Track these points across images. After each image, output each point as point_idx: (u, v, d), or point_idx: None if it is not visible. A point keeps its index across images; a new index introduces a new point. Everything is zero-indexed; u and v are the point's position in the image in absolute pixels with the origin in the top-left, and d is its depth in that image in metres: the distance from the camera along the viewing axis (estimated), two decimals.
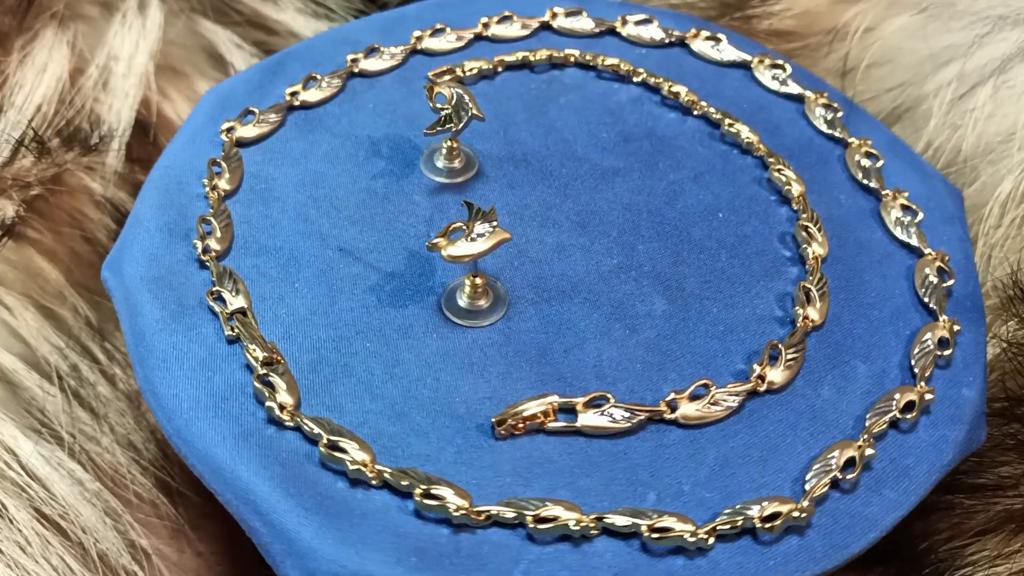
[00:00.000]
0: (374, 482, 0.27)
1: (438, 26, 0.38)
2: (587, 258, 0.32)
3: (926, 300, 0.33)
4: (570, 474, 0.28)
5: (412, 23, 0.39)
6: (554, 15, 0.39)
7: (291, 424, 0.28)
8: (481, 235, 0.29)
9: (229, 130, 0.34)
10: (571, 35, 0.39)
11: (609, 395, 0.29)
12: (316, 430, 0.28)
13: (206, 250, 0.31)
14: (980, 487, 0.34)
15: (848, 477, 0.28)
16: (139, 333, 0.30)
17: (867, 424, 0.30)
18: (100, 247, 0.39)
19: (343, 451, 0.27)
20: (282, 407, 0.28)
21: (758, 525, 0.27)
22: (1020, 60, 0.38)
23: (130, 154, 0.40)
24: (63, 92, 0.39)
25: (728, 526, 0.27)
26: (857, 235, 0.34)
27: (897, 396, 0.30)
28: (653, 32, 0.39)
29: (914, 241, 0.34)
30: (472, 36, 0.38)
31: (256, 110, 0.35)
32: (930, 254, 0.33)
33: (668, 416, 0.29)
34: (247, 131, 0.35)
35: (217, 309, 0.30)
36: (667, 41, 0.39)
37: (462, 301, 0.31)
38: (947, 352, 0.31)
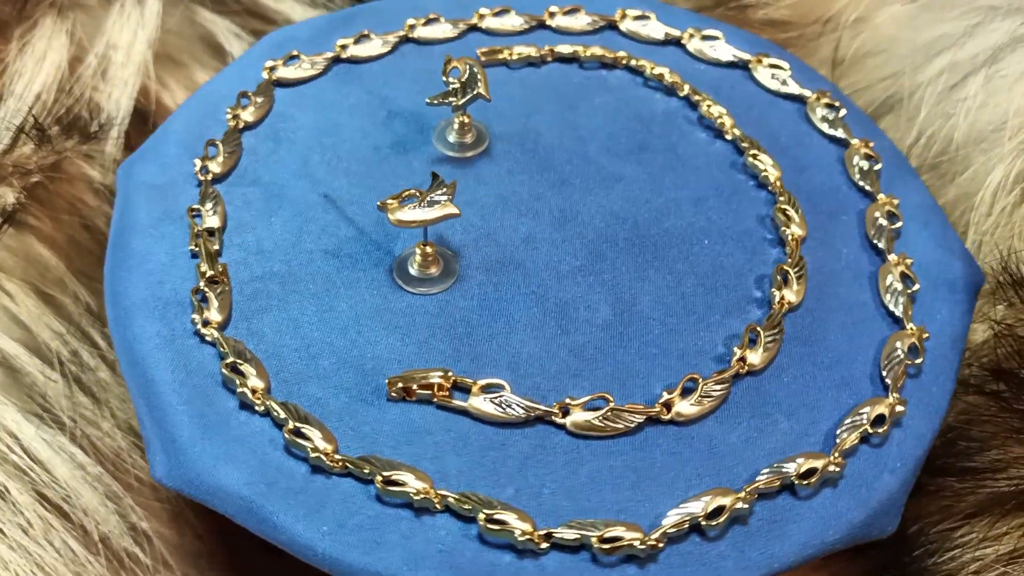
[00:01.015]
0: (259, 409, 0.28)
1: (502, 8, 0.39)
2: (550, 254, 0.32)
3: (883, 372, 0.31)
4: (440, 450, 0.28)
5: (482, 2, 0.39)
6: (623, 16, 0.39)
7: (210, 340, 0.30)
8: (432, 205, 0.30)
9: (272, 69, 0.36)
10: (635, 39, 0.39)
11: (505, 385, 0.29)
12: (226, 349, 0.29)
13: (204, 170, 0.33)
14: (970, 470, 0.34)
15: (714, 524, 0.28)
16: (119, 232, 0.33)
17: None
18: (99, 234, 0.39)
19: (243, 375, 0.29)
20: (206, 323, 0.30)
21: (596, 544, 0.26)
22: (1011, 50, 0.39)
23: (129, 142, 0.40)
24: (62, 81, 0.39)
25: (571, 534, 0.27)
26: (841, 292, 0.33)
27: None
28: (720, 52, 0.38)
29: (899, 311, 0.32)
30: (535, 23, 0.39)
31: (300, 54, 0.37)
32: (911, 329, 0.32)
33: (558, 420, 0.29)
34: (288, 72, 0.36)
35: (192, 225, 0.32)
36: (731, 62, 0.38)
37: (412, 268, 0.31)
38: (881, 429, 0.30)
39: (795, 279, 0.32)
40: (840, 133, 0.36)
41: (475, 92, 0.34)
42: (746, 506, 0.27)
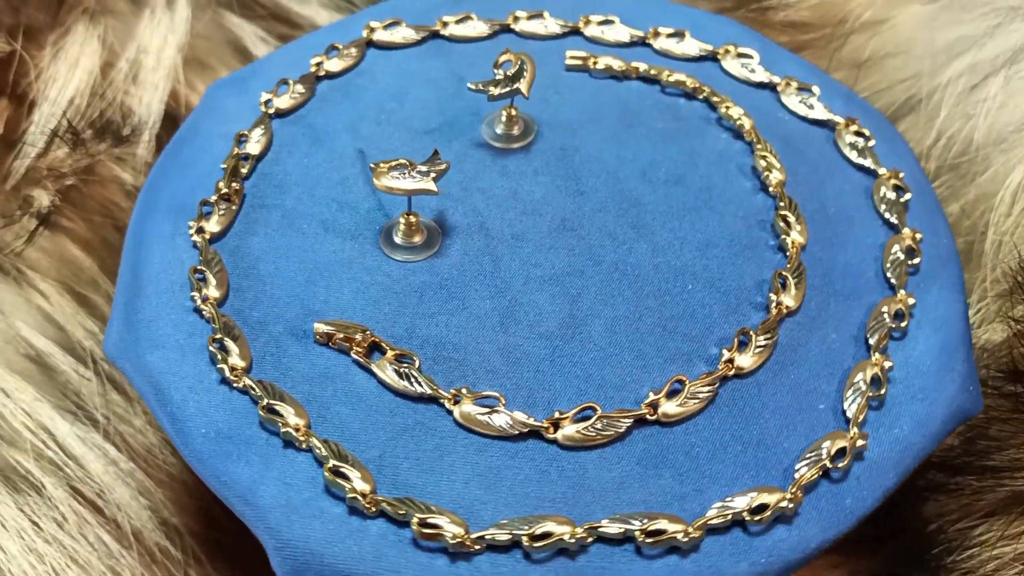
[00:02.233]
0: (207, 315, 0.30)
1: (606, 19, 0.39)
2: (530, 257, 0.32)
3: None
4: (335, 402, 0.29)
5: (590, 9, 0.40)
6: (728, 52, 0.38)
7: (198, 246, 0.32)
8: (415, 177, 0.31)
9: (372, 30, 0.38)
10: (735, 78, 0.38)
11: (415, 357, 0.29)
12: (204, 257, 0.31)
13: (268, 103, 0.36)
14: (989, 469, 0.34)
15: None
16: (181, 132, 0.35)
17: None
18: None
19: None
20: (200, 230, 0.32)
21: (526, 543, 0.27)
22: None
23: (160, 145, 0.41)
24: (95, 85, 0.40)
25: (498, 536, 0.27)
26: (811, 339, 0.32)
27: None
28: (819, 112, 0.37)
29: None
30: (636, 39, 0.38)
31: (403, 22, 0.38)
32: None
33: (448, 405, 0.29)
34: (385, 36, 0.38)
35: (235, 145, 0.34)
36: (821, 120, 0.36)
37: (396, 235, 0.32)
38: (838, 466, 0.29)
39: (758, 342, 0.30)
40: (869, 163, 0.35)
41: (514, 87, 0.34)
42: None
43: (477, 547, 0.27)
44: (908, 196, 0.34)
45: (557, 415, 0.29)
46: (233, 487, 0.28)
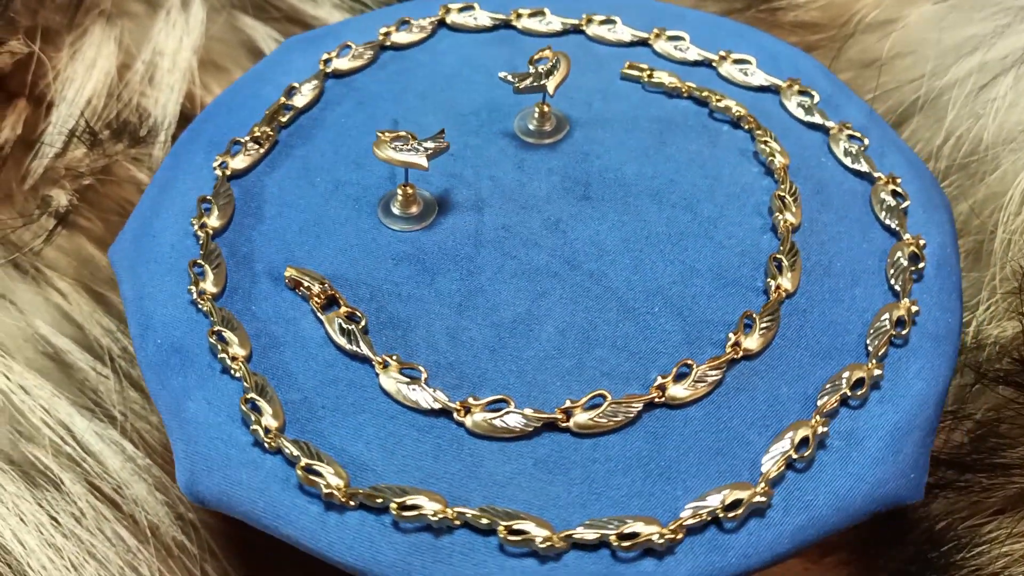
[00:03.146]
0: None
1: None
2: (512, 249, 0.32)
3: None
4: (281, 343, 0.30)
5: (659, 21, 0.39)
6: (789, 88, 0.37)
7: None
8: (410, 151, 0.32)
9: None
10: (789, 114, 0.37)
11: (362, 317, 0.30)
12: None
13: (328, 62, 0.37)
14: (999, 466, 0.34)
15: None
16: (240, 82, 0.37)
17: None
18: None
19: (202, 278, 0.31)
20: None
21: (395, 509, 0.27)
22: None
23: None
24: (111, 86, 0.41)
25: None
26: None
27: None
28: (863, 164, 0.35)
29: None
30: (703, 59, 0.38)
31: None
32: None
33: (377, 368, 0.30)
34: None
35: (276, 104, 0.36)
36: (862, 172, 0.35)
37: (394, 205, 0.33)
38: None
39: (690, 382, 0.30)
40: (895, 224, 0.34)
41: (539, 83, 0.34)
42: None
43: (351, 503, 0.27)
44: (922, 265, 0.33)
45: (471, 400, 0.29)
46: (164, 395, 0.30)
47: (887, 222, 0.33)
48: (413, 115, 0.36)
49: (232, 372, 0.30)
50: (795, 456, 0.29)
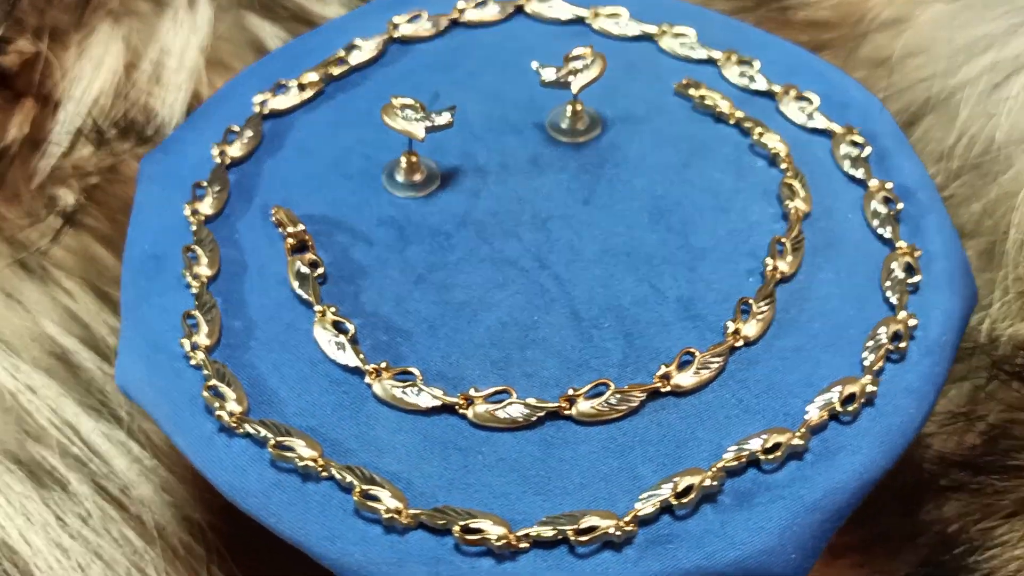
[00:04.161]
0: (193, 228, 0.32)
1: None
2: (490, 236, 0.33)
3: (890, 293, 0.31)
4: (244, 273, 0.32)
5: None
6: (843, 135, 0.35)
7: (214, 165, 0.34)
8: (412, 120, 0.33)
9: (462, 11, 0.39)
10: (835, 161, 0.35)
11: (320, 264, 0.32)
12: (215, 172, 0.34)
13: (352, 49, 0.37)
14: (1012, 468, 0.34)
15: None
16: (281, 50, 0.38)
17: None
18: None
19: (199, 199, 0.33)
20: (222, 153, 0.34)
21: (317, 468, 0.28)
22: None
23: None
24: (119, 85, 0.41)
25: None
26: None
27: None
28: (887, 229, 0.33)
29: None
30: (760, 90, 0.37)
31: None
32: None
33: (318, 313, 0.31)
34: (471, 15, 0.39)
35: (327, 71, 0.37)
36: (885, 238, 0.33)
37: (397, 172, 0.34)
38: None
39: (592, 403, 0.29)
40: (895, 299, 0.31)
41: (564, 80, 0.34)
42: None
43: (239, 430, 0.28)
44: (903, 344, 0.30)
45: (384, 366, 0.29)
46: (131, 291, 0.31)
47: (888, 294, 0.31)
48: (455, 91, 0.36)
49: (190, 287, 0.31)
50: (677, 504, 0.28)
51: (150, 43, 0.42)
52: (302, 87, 0.36)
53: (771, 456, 0.28)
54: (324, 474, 0.28)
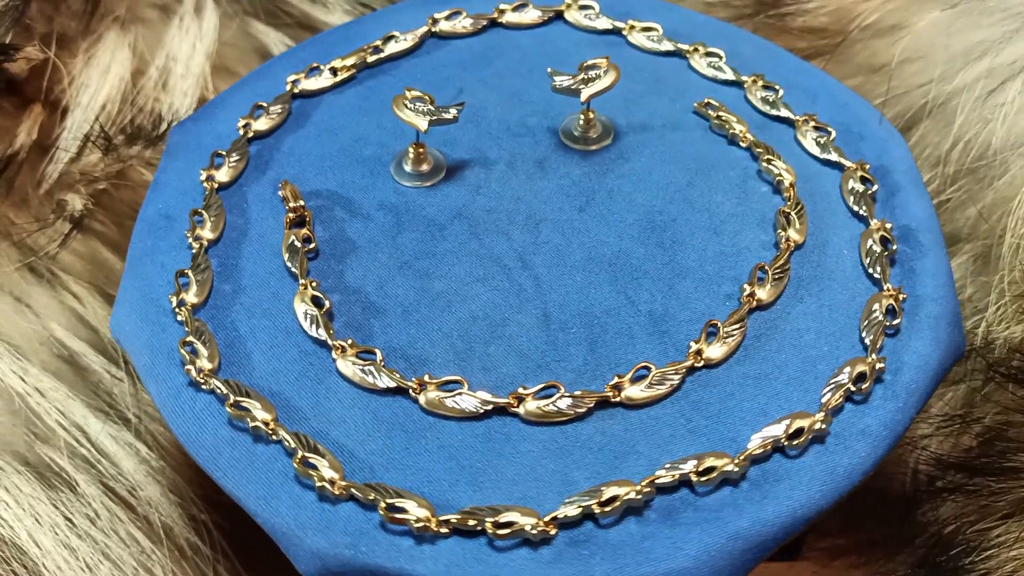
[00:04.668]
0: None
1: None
2: (481, 234, 0.33)
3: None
4: (250, 247, 0.33)
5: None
6: (855, 169, 0.35)
7: (238, 136, 0.36)
8: (420, 112, 0.34)
9: (502, 11, 0.40)
10: (845, 202, 0.35)
11: (313, 240, 0.33)
12: (236, 143, 0.36)
13: (376, 39, 0.39)
14: (1008, 470, 0.34)
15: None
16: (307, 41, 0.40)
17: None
18: None
19: (217, 168, 0.35)
20: (247, 126, 0.36)
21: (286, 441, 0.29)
22: None
23: None
24: (126, 92, 0.41)
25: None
26: None
27: None
28: (875, 271, 0.33)
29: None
30: (781, 116, 0.37)
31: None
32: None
33: (300, 286, 0.32)
34: (512, 17, 0.40)
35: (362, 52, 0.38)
36: (875, 278, 0.32)
37: (405, 161, 0.35)
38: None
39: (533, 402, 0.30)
40: (870, 339, 0.31)
41: (573, 87, 0.35)
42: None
43: (204, 385, 0.30)
44: (866, 386, 0.30)
45: (349, 343, 0.31)
46: (138, 246, 0.33)
47: (864, 334, 0.31)
48: (480, 89, 0.37)
49: (191, 247, 0.33)
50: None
51: (157, 50, 0.42)
52: (334, 71, 0.37)
53: (704, 478, 0.28)
54: (273, 437, 0.29)
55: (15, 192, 0.39)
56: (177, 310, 0.31)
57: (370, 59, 0.38)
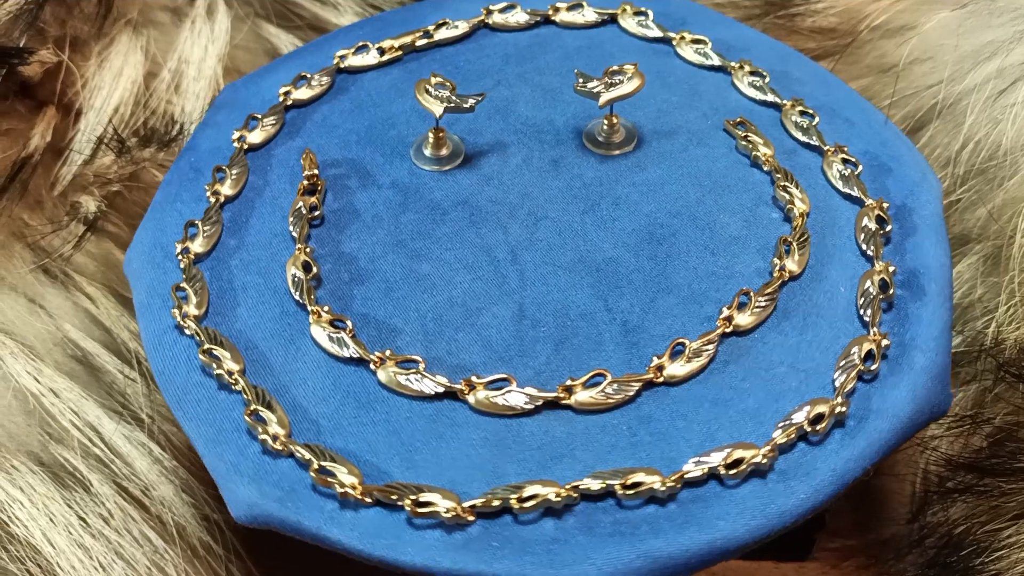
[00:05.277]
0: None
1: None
2: (480, 223, 0.34)
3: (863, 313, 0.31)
4: (262, 207, 0.35)
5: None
6: (873, 207, 0.34)
7: (268, 110, 0.37)
8: (440, 99, 0.35)
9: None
10: (859, 247, 0.33)
11: (319, 208, 0.34)
12: (273, 114, 0.37)
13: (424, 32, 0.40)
14: (1018, 471, 0.34)
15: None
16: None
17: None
18: None
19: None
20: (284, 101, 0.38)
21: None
22: None
23: None
24: (138, 94, 0.41)
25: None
26: None
27: None
28: (866, 312, 0.32)
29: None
30: (811, 144, 0.36)
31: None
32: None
33: (298, 250, 0.33)
34: (567, 17, 0.40)
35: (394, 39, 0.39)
36: (860, 318, 0.32)
37: (425, 146, 0.36)
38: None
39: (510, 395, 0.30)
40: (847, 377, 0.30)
41: (595, 90, 0.35)
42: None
43: (188, 331, 0.32)
44: (819, 427, 0.29)
45: (325, 310, 0.32)
46: (164, 191, 0.35)
47: (835, 376, 0.30)
48: (515, 83, 0.38)
49: (209, 200, 0.35)
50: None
51: (169, 52, 0.43)
52: (382, 51, 0.38)
53: (630, 492, 0.28)
54: (235, 387, 0.30)
55: (29, 194, 0.39)
56: (180, 256, 0.33)
57: (419, 43, 0.39)
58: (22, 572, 0.32)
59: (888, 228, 0.33)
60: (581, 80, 0.35)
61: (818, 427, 0.29)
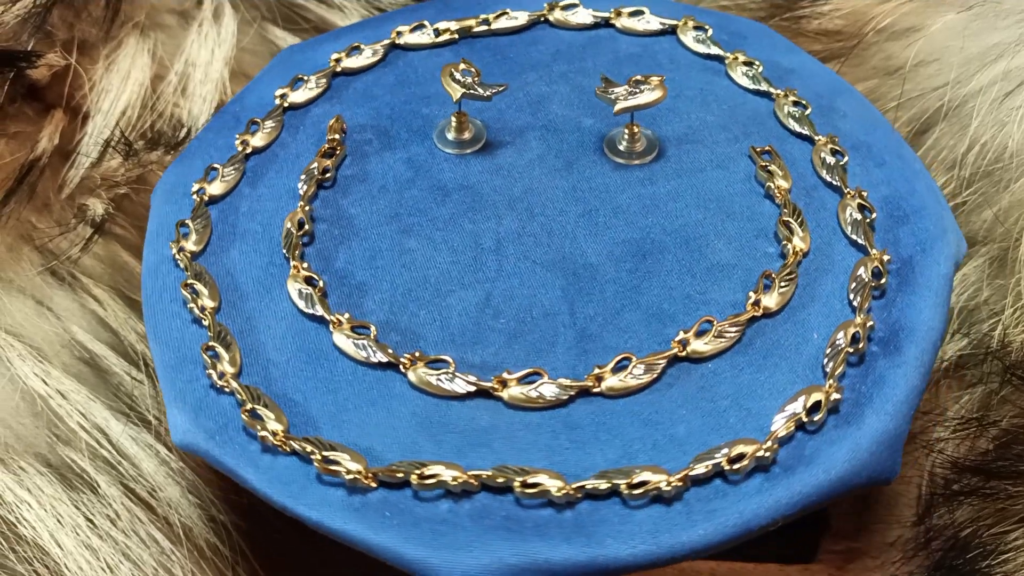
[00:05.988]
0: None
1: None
2: (474, 214, 0.35)
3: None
4: (277, 166, 0.36)
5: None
6: (877, 256, 0.33)
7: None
8: (464, 86, 0.35)
9: (619, 13, 0.40)
10: (850, 302, 0.32)
11: (332, 171, 0.36)
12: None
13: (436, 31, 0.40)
14: None
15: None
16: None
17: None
18: None
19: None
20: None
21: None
22: None
23: None
24: (146, 97, 0.41)
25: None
26: None
27: None
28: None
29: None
30: (835, 184, 0.35)
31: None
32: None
33: (300, 209, 0.35)
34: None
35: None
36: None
37: (448, 131, 0.37)
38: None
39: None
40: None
41: (612, 97, 0.35)
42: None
43: (187, 269, 0.33)
44: (739, 465, 0.28)
45: (303, 268, 0.33)
46: (179, 161, 0.37)
47: (777, 418, 0.29)
48: (554, 80, 0.38)
49: (237, 149, 0.36)
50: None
51: (176, 56, 0.43)
52: (438, 32, 0.39)
53: (529, 491, 0.28)
54: (204, 323, 0.32)
55: (37, 197, 0.39)
56: (195, 196, 0.35)
57: (476, 29, 0.40)
58: (30, 573, 0.32)
59: (883, 281, 0.32)
60: (604, 85, 0.35)
61: (736, 466, 0.28)
